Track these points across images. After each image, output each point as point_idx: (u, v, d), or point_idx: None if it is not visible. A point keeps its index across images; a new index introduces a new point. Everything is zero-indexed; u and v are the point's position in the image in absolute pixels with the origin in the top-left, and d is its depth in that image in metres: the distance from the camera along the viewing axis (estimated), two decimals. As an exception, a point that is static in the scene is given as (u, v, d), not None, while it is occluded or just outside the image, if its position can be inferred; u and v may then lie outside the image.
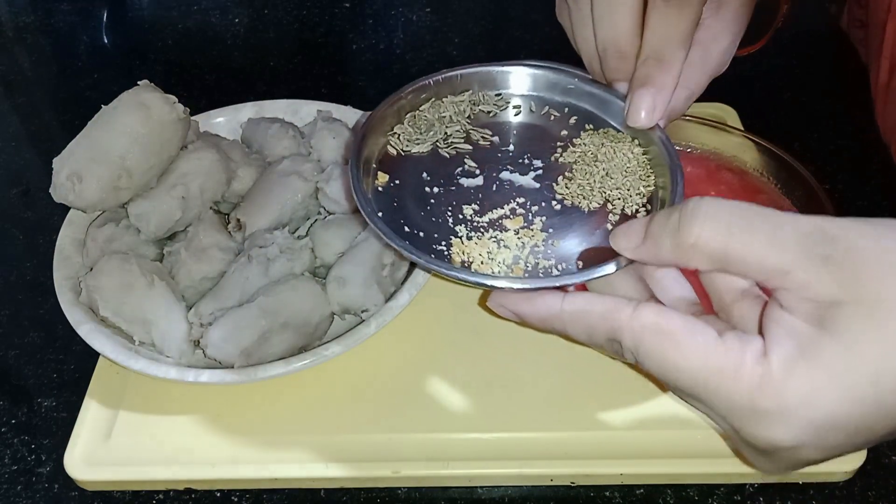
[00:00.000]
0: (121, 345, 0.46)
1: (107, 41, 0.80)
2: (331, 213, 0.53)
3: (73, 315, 0.47)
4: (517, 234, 0.38)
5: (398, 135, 0.43)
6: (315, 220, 0.54)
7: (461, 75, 0.44)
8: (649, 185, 0.40)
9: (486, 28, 0.81)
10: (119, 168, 0.48)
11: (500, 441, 0.45)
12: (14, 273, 0.57)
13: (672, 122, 0.43)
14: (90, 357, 0.49)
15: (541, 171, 0.41)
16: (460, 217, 0.39)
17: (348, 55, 0.77)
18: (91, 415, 0.47)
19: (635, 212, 0.39)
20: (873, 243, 0.29)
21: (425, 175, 0.41)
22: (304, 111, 0.60)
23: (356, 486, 0.45)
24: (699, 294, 0.36)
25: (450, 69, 0.44)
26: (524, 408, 0.46)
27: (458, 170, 0.41)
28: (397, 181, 0.41)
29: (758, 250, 0.30)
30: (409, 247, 0.36)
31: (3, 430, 0.48)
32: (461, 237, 0.38)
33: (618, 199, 0.39)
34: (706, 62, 0.41)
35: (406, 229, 0.38)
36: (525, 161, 0.41)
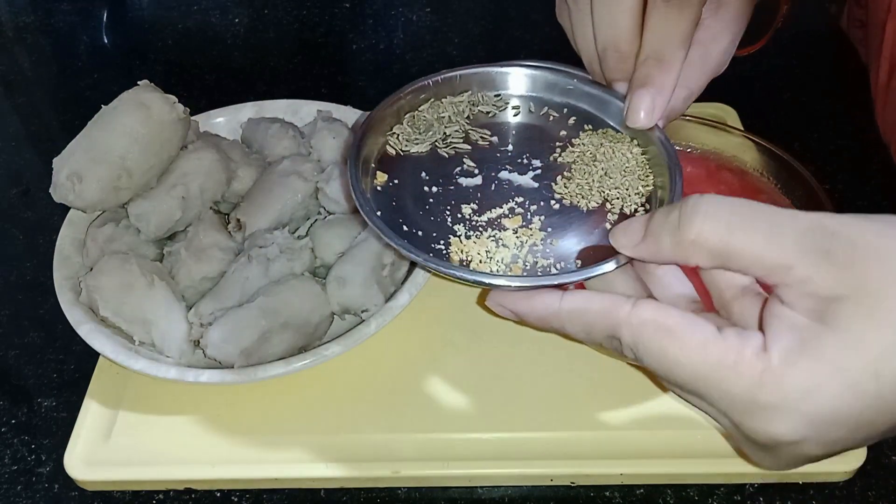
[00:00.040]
0: (121, 345, 0.46)
1: (107, 41, 0.80)
2: (331, 213, 0.53)
3: (73, 315, 0.47)
4: (516, 233, 0.38)
5: (397, 135, 0.43)
6: (315, 220, 0.54)
7: (460, 76, 0.44)
8: (648, 184, 0.40)
9: (486, 28, 0.81)
10: (119, 168, 0.48)
11: (500, 441, 0.45)
12: (14, 273, 0.57)
13: (672, 122, 0.43)
14: (90, 357, 0.49)
15: (539, 171, 0.41)
16: (459, 216, 0.39)
17: (348, 55, 0.77)
18: (91, 415, 0.47)
19: (634, 211, 0.39)
20: (874, 238, 0.29)
21: (424, 175, 0.41)
22: (304, 111, 0.60)
23: (356, 486, 0.45)
24: (699, 292, 0.36)
25: (449, 70, 0.44)
26: (524, 408, 0.46)
27: (457, 169, 0.41)
28: (396, 181, 0.41)
29: (758, 246, 0.29)
30: (407, 245, 0.36)
31: (3, 430, 0.48)
32: (460, 236, 0.38)
33: (616, 198, 0.39)
34: (705, 62, 0.41)
35: (405, 228, 0.38)
36: (524, 161, 0.41)
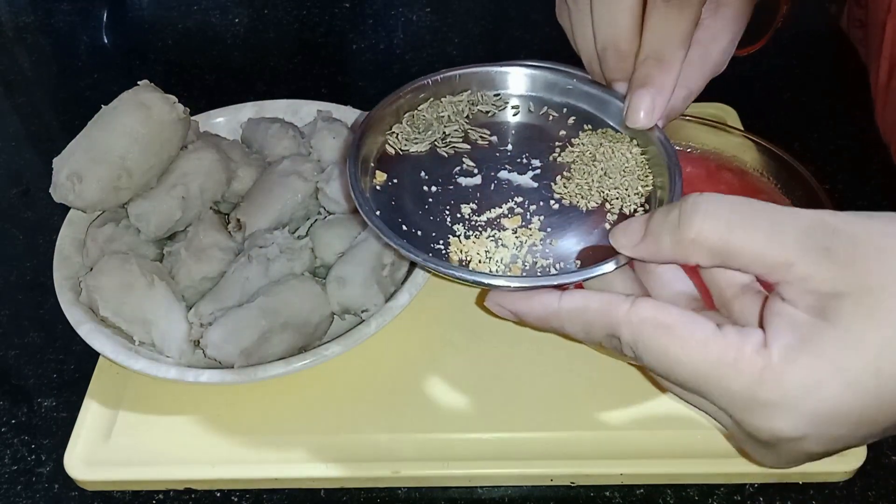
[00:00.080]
0: (121, 345, 0.46)
1: (107, 41, 0.80)
2: (331, 213, 0.53)
3: (73, 315, 0.47)
4: (515, 233, 0.38)
5: (396, 134, 0.42)
6: (315, 220, 0.54)
7: (460, 75, 0.44)
8: (647, 185, 0.40)
9: (486, 28, 0.81)
10: (119, 168, 0.48)
11: (500, 441, 0.45)
12: (14, 273, 0.57)
13: (672, 122, 0.43)
14: (90, 357, 0.49)
15: (539, 171, 0.41)
16: (458, 216, 0.39)
17: (348, 55, 0.77)
18: (91, 415, 0.47)
19: (633, 211, 0.39)
20: (874, 235, 0.29)
21: (423, 174, 0.41)
22: (304, 111, 0.60)
23: (356, 486, 0.45)
24: (699, 290, 0.36)
25: (448, 69, 0.44)
26: (524, 408, 0.46)
27: (457, 169, 0.41)
28: (395, 180, 0.41)
29: (758, 244, 0.29)
30: (407, 245, 0.36)
31: (3, 430, 0.48)
32: (459, 236, 0.38)
33: (616, 198, 0.39)
34: (705, 62, 0.41)
35: (404, 228, 0.38)
36: (523, 160, 0.41)
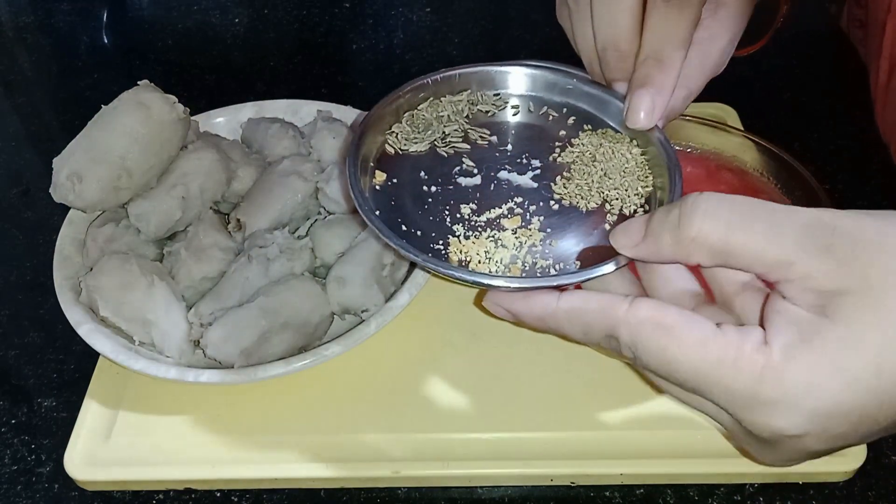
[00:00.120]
0: (121, 345, 0.46)
1: (107, 41, 0.80)
2: (331, 213, 0.53)
3: (73, 315, 0.47)
4: (515, 233, 0.38)
5: (396, 134, 0.42)
6: (315, 220, 0.54)
7: (459, 75, 0.44)
8: (647, 185, 0.40)
9: (486, 28, 0.81)
10: (119, 168, 0.48)
11: (500, 441, 0.45)
12: (14, 273, 0.57)
13: (672, 122, 0.43)
14: (90, 357, 0.49)
15: (539, 171, 0.41)
16: (458, 216, 0.39)
17: (348, 55, 0.77)
18: (91, 415, 0.47)
19: (633, 212, 0.39)
20: (875, 233, 0.29)
21: (423, 174, 0.41)
22: (304, 111, 0.60)
23: (356, 486, 0.45)
24: (702, 286, 0.36)
25: (448, 69, 0.44)
26: (524, 408, 0.46)
27: (456, 169, 0.41)
28: (395, 180, 0.40)
29: (758, 243, 0.29)
30: (406, 245, 0.36)
31: (3, 430, 0.48)
32: (459, 236, 0.38)
33: (616, 199, 0.39)
34: (704, 62, 0.41)
35: (403, 228, 0.38)
36: (523, 161, 0.41)
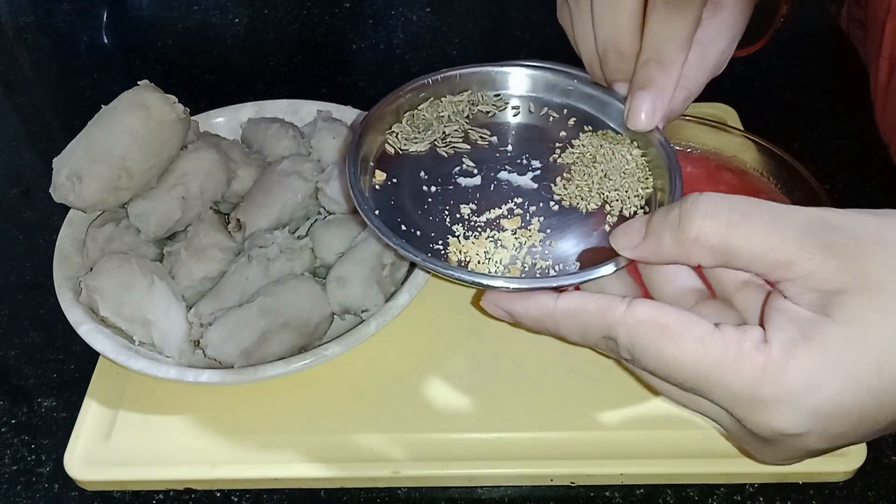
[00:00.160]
0: (121, 345, 0.46)
1: (107, 41, 0.80)
2: (331, 213, 0.53)
3: (73, 315, 0.47)
4: (514, 234, 0.38)
5: (396, 133, 0.42)
6: (315, 220, 0.54)
7: (460, 75, 0.44)
8: (647, 187, 0.39)
9: (486, 28, 0.81)
10: (119, 168, 0.48)
11: (500, 441, 0.45)
12: (14, 273, 0.57)
13: (672, 122, 0.42)
14: (90, 357, 0.49)
15: (539, 172, 0.41)
16: (458, 216, 0.39)
17: (348, 55, 0.77)
18: (91, 415, 0.47)
19: (633, 213, 0.39)
20: (876, 231, 0.29)
21: (423, 174, 0.41)
22: (304, 111, 0.60)
23: (356, 486, 0.45)
24: (703, 282, 0.36)
25: (449, 69, 0.44)
26: (524, 408, 0.46)
27: (456, 169, 0.41)
28: (395, 180, 0.40)
29: (759, 243, 0.29)
30: (405, 245, 0.36)
31: (3, 430, 0.48)
32: (458, 236, 0.38)
33: (616, 200, 0.39)
34: (704, 63, 0.41)
35: (403, 228, 0.38)
36: (523, 161, 0.41)
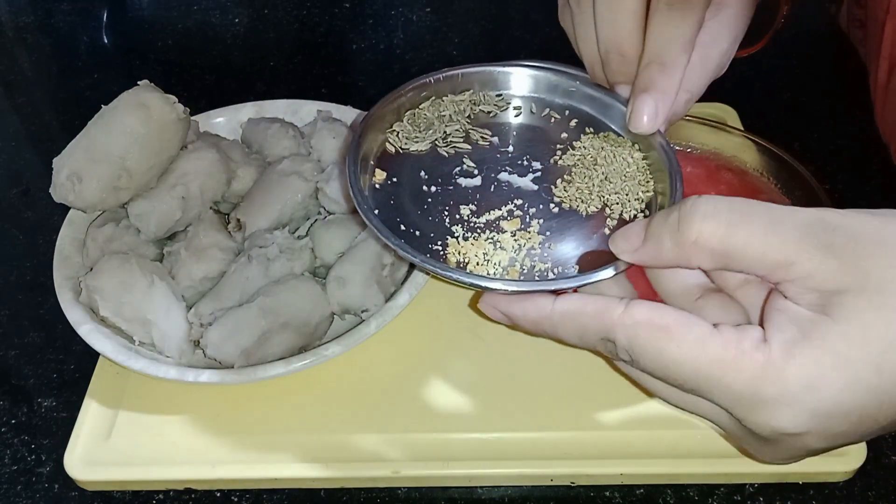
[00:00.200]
0: (121, 345, 0.46)
1: (107, 41, 0.80)
2: (331, 213, 0.53)
3: (73, 315, 0.47)
4: (514, 235, 0.37)
5: (397, 132, 0.42)
6: (315, 220, 0.54)
7: (462, 74, 0.44)
8: (648, 190, 0.39)
9: (486, 28, 0.81)
10: (119, 168, 0.48)
11: (500, 441, 0.45)
12: (14, 273, 0.57)
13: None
14: (90, 357, 0.49)
15: (539, 174, 0.41)
16: (457, 217, 0.38)
17: (348, 55, 0.77)
18: (91, 415, 0.47)
19: (633, 217, 0.38)
20: (876, 231, 0.29)
21: (423, 174, 0.41)
22: (304, 111, 0.60)
23: (356, 486, 0.45)
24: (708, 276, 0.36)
25: (451, 68, 0.44)
26: (524, 408, 0.46)
27: (457, 169, 0.41)
28: (395, 179, 0.40)
29: (759, 245, 0.29)
30: (404, 245, 0.36)
31: (3, 430, 0.48)
32: (458, 237, 0.37)
33: (616, 203, 0.39)
34: (706, 65, 0.41)
35: (402, 228, 0.38)
36: (524, 162, 0.41)
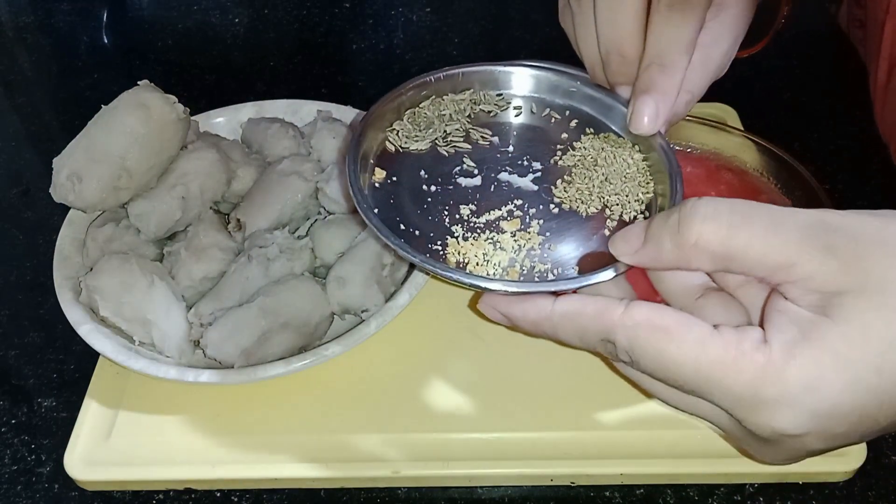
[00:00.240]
0: (121, 345, 0.46)
1: (107, 41, 0.80)
2: (331, 213, 0.53)
3: (73, 315, 0.47)
4: (514, 236, 0.37)
5: (397, 131, 0.42)
6: (315, 220, 0.54)
7: (463, 73, 0.44)
8: (648, 191, 0.39)
9: (486, 28, 0.81)
10: (119, 168, 0.48)
11: (500, 441, 0.45)
12: (14, 273, 0.57)
13: (672, 124, 0.42)
14: (90, 357, 0.49)
15: (540, 174, 0.40)
16: (457, 217, 0.38)
17: (348, 55, 0.77)
18: (91, 415, 0.47)
19: (633, 218, 0.38)
20: (876, 232, 0.29)
21: (423, 173, 0.41)
22: (304, 111, 0.60)
23: (356, 486, 0.45)
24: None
25: (451, 67, 0.44)
26: (524, 408, 0.46)
27: (457, 169, 0.41)
28: (394, 178, 0.40)
29: (759, 246, 0.29)
30: (404, 245, 0.35)
31: (3, 430, 0.48)
32: (457, 237, 0.37)
33: (616, 204, 0.39)
34: (707, 66, 0.41)
35: (402, 227, 0.38)
36: (524, 163, 0.41)
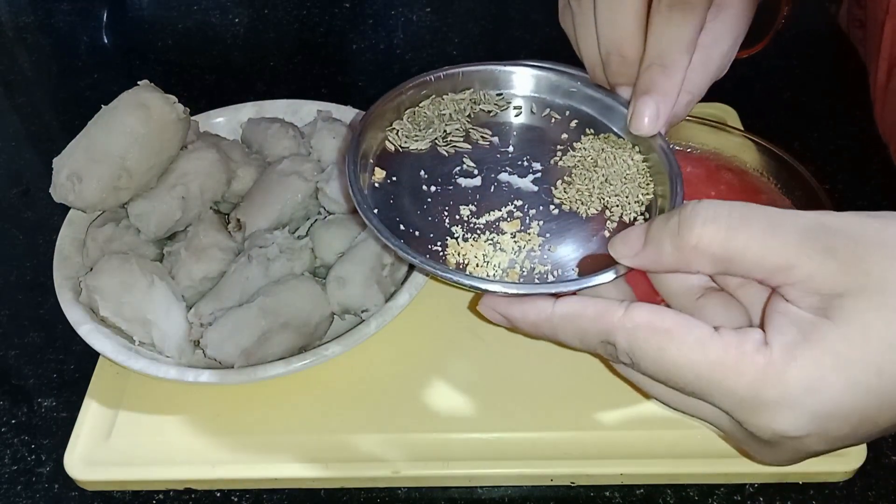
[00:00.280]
0: (121, 345, 0.46)
1: (107, 41, 0.80)
2: (331, 213, 0.53)
3: (73, 315, 0.47)
4: (514, 237, 0.37)
5: (397, 131, 0.42)
6: (315, 220, 0.54)
7: (463, 73, 0.44)
8: (648, 193, 0.39)
9: (486, 28, 0.81)
10: (119, 168, 0.48)
11: (500, 441, 0.45)
12: (14, 273, 0.57)
13: (672, 125, 0.42)
14: (90, 357, 0.49)
15: (540, 174, 0.40)
16: (457, 217, 0.38)
17: (348, 55, 0.77)
18: (91, 415, 0.47)
19: (633, 220, 0.38)
20: (876, 234, 0.29)
21: (423, 173, 0.40)
22: (304, 111, 0.60)
23: (356, 486, 0.45)
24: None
25: (451, 66, 0.44)
26: (524, 408, 0.46)
27: (457, 169, 0.41)
28: (394, 178, 0.40)
29: (759, 248, 0.29)
30: (404, 246, 0.35)
31: (3, 430, 0.48)
32: (457, 238, 0.37)
33: (616, 206, 0.39)
34: (707, 66, 0.41)
35: (402, 228, 0.38)
36: (524, 163, 0.41)
